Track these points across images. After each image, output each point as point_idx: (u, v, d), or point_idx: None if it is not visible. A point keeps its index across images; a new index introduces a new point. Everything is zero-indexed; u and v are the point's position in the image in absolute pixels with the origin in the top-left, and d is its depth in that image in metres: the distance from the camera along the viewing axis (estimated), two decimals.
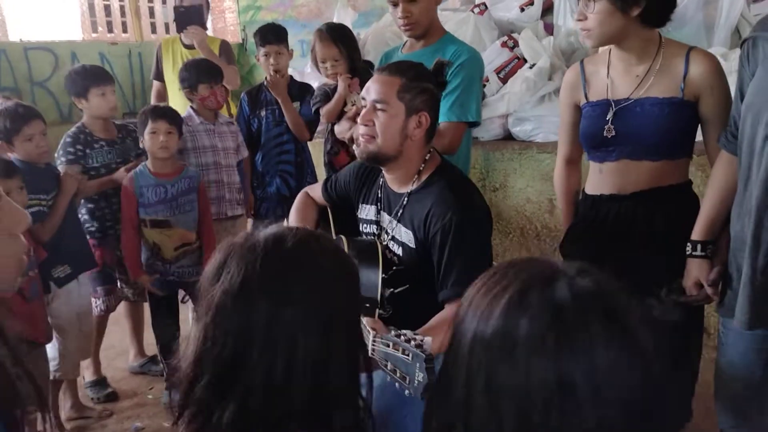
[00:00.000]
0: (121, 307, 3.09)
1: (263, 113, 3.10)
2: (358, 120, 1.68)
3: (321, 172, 4.12)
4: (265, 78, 3.14)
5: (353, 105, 2.46)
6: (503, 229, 3.29)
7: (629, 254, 1.76)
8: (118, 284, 2.91)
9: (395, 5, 2.22)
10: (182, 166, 2.73)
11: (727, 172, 1.62)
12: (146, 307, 2.94)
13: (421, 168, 1.70)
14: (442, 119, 2.21)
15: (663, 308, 1.75)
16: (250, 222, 3.30)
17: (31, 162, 2.41)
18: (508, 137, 3.38)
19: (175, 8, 3.54)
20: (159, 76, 4.11)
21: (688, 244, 1.70)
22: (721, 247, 1.67)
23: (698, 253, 1.68)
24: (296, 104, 3.09)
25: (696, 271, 1.69)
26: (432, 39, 2.32)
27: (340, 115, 2.56)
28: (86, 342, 2.67)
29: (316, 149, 4.12)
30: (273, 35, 3.03)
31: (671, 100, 1.70)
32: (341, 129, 2.52)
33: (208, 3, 4.16)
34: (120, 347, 3.29)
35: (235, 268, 0.87)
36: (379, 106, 1.62)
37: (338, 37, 2.53)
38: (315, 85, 3.21)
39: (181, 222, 2.67)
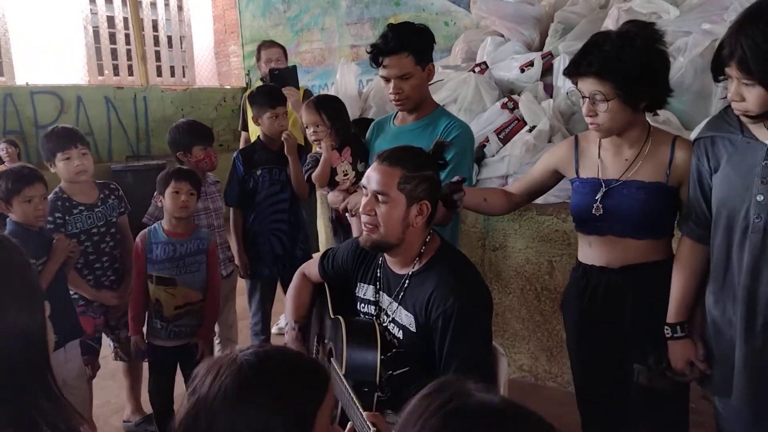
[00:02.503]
0: (120, 365, 3.07)
1: (259, 172, 3.11)
2: (360, 210, 1.70)
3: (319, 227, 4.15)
4: (258, 137, 3.20)
5: (345, 175, 2.50)
6: (503, 289, 3.29)
7: (619, 324, 1.88)
8: (111, 346, 2.89)
9: (387, 81, 2.25)
10: (194, 227, 2.75)
11: (693, 257, 1.75)
12: (144, 364, 2.92)
13: (422, 250, 1.72)
14: None
15: (651, 376, 1.84)
16: (243, 282, 3.31)
17: (24, 225, 2.41)
18: None
19: (271, 70, 3.57)
20: (245, 126, 4.27)
21: (666, 328, 1.79)
22: (695, 324, 1.78)
23: (678, 334, 1.78)
24: None
25: (682, 352, 1.78)
26: (424, 112, 2.35)
27: (332, 181, 2.58)
28: (82, 406, 2.64)
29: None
30: (279, 99, 3.11)
31: (656, 184, 1.80)
32: (334, 199, 2.55)
33: (285, 52, 4.28)
34: (116, 404, 3.26)
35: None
36: (380, 197, 1.64)
37: (321, 106, 2.58)
38: None
39: (186, 281, 2.67)
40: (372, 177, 1.67)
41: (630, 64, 1.69)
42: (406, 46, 2.20)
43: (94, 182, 2.81)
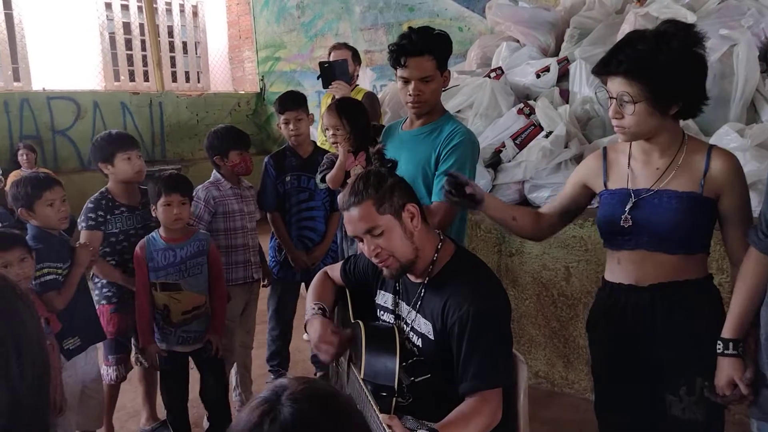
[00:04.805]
0: (135, 369, 3.08)
1: (288, 178, 3.15)
2: (367, 256, 1.69)
3: None
4: (288, 143, 3.24)
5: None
6: (519, 295, 3.28)
7: (649, 348, 1.77)
8: (133, 351, 2.91)
9: (407, 83, 2.24)
10: (192, 231, 2.76)
11: (757, 270, 1.60)
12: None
13: (435, 257, 1.71)
14: (434, 199, 2.25)
15: (684, 407, 1.73)
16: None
17: (46, 230, 2.43)
18: (524, 202, 3.39)
19: (320, 64, 3.40)
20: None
21: (719, 342, 1.65)
22: (749, 346, 1.63)
23: (730, 351, 1.64)
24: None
25: (729, 370, 1.64)
26: (432, 117, 2.34)
27: (345, 183, 2.58)
28: (98, 410, 2.66)
29: None
30: (288, 104, 3.11)
31: (690, 194, 1.69)
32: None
33: (357, 54, 4.16)
34: (132, 409, 3.27)
35: None
36: (374, 232, 1.64)
37: (343, 111, 2.59)
38: None
39: (191, 285, 2.67)
40: (351, 224, 1.66)
41: (662, 66, 1.60)
42: (431, 49, 2.20)
43: (139, 187, 2.88)
